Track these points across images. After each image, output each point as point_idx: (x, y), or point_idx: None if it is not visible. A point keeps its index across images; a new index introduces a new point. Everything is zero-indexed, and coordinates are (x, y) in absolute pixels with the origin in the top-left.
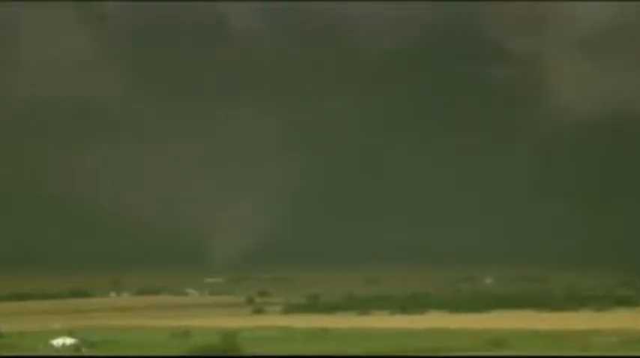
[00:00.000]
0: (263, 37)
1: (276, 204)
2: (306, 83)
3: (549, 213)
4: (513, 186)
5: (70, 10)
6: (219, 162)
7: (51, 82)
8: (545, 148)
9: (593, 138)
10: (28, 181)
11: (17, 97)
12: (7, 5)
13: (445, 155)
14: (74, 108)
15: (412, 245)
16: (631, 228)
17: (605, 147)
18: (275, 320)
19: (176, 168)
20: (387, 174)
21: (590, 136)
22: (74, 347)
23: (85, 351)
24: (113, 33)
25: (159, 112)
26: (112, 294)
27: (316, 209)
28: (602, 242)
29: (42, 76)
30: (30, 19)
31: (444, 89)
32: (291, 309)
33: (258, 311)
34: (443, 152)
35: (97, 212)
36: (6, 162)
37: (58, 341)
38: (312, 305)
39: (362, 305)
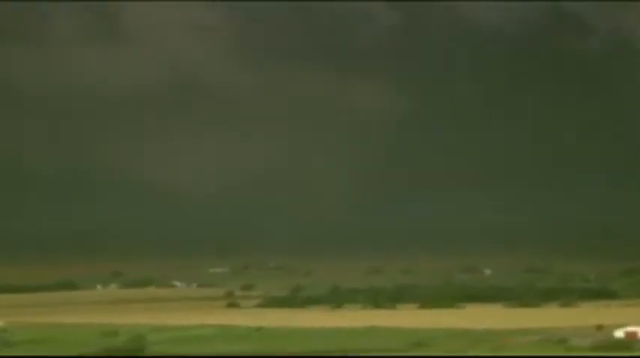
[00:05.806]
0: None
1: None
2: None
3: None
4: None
5: None
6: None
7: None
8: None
9: None
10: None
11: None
12: None
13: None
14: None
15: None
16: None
17: None
18: (229, 317)
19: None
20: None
21: None
22: None
23: None
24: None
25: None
26: (99, 287)
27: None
28: (610, 232)
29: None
30: None
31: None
32: (267, 303)
33: (232, 305)
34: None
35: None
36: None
37: None
38: (291, 299)
39: (339, 299)
